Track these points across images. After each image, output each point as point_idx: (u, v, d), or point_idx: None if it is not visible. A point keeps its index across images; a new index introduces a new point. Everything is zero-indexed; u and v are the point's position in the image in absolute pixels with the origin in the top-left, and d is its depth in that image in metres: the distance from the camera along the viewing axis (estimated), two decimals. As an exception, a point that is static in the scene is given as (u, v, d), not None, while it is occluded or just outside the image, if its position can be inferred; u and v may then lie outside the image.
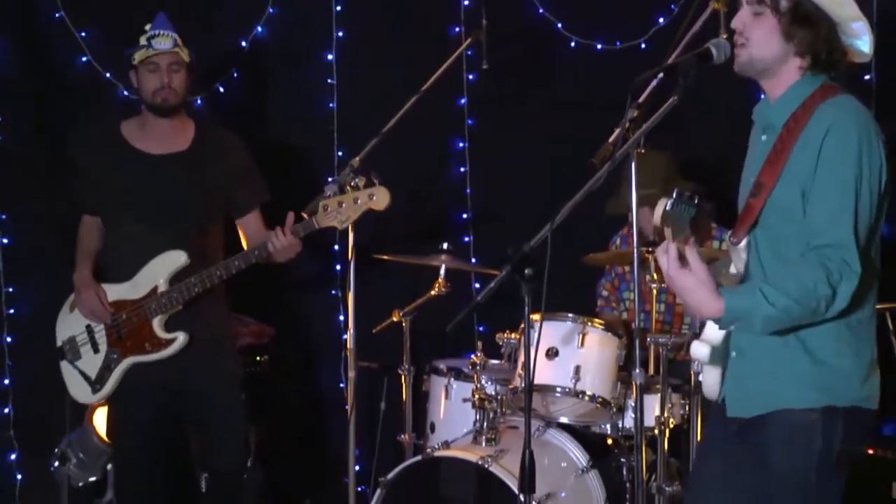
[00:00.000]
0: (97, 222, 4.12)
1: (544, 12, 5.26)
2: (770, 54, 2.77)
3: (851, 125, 2.65)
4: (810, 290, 2.51)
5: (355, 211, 3.93)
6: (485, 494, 3.90)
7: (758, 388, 2.78)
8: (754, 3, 2.75)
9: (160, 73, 3.99)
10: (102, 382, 4.03)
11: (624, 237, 4.75)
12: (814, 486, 2.73)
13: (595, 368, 4.11)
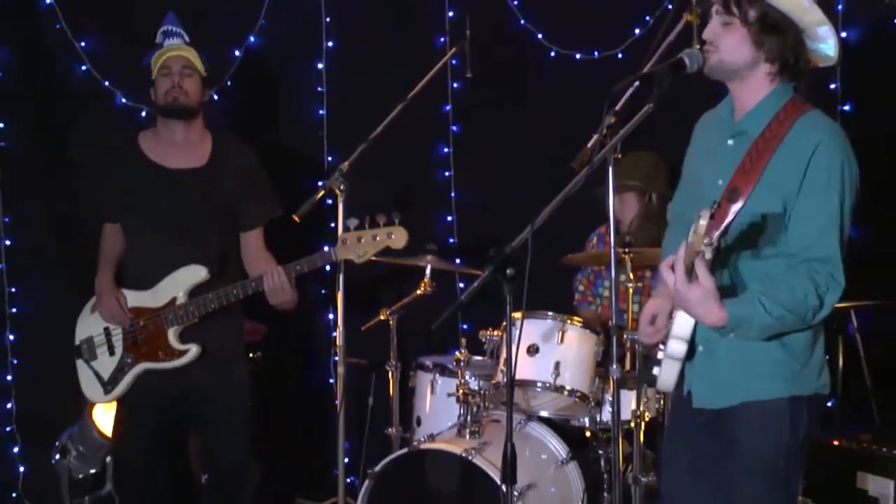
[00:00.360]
0: (118, 229, 4.10)
1: (525, 23, 5.26)
2: (740, 60, 2.80)
3: (837, 146, 2.71)
4: (801, 300, 2.60)
5: (374, 247, 3.91)
6: (468, 485, 3.90)
7: (728, 380, 2.80)
8: (723, 13, 2.77)
9: (171, 75, 3.99)
10: (115, 384, 4.02)
11: (601, 236, 4.75)
12: (782, 471, 2.78)
13: (574, 364, 4.12)
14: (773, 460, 2.77)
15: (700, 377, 2.86)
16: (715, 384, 2.83)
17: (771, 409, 2.76)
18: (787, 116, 2.76)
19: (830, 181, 2.67)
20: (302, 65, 5.27)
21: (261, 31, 5.18)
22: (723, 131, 2.90)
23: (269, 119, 5.26)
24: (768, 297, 2.59)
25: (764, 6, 2.76)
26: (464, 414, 4.22)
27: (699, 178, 2.96)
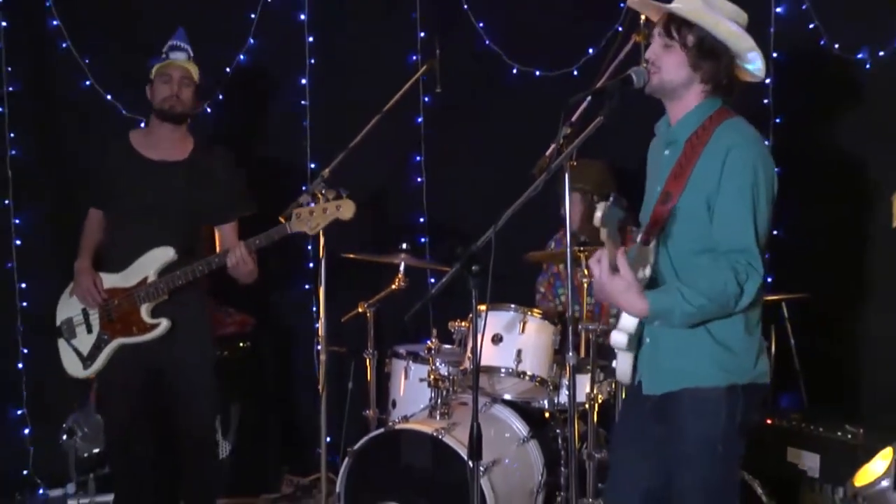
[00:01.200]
0: (101, 216, 4.09)
1: (490, 43, 5.28)
2: (678, 80, 2.81)
3: (749, 145, 2.72)
4: (721, 289, 2.60)
5: (324, 219, 3.92)
6: (439, 462, 3.89)
7: (669, 367, 2.80)
8: (665, 37, 2.79)
9: (172, 83, 3.99)
10: (93, 359, 4.01)
11: (558, 240, 4.76)
12: (721, 453, 2.77)
13: (534, 352, 4.11)
14: (711, 444, 2.77)
15: (647, 366, 2.86)
16: (659, 372, 2.83)
17: (709, 396, 2.76)
18: (711, 124, 2.78)
19: (744, 179, 2.67)
20: (287, 80, 5.25)
21: (250, 49, 5.16)
22: (660, 142, 2.93)
23: (258, 129, 5.24)
24: (689, 287, 2.60)
25: (701, 32, 2.77)
26: (434, 397, 4.22)
27: (649, 188, 2.99)
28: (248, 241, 3.92)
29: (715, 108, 2.82)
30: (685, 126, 2.82)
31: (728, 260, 2.64)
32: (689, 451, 2.78)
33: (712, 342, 2.75)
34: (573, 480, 3.52)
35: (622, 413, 3.12)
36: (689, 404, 2.77)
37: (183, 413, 4.13)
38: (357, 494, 4.03)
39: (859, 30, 4.27)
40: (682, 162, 2.76)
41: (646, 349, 2.85)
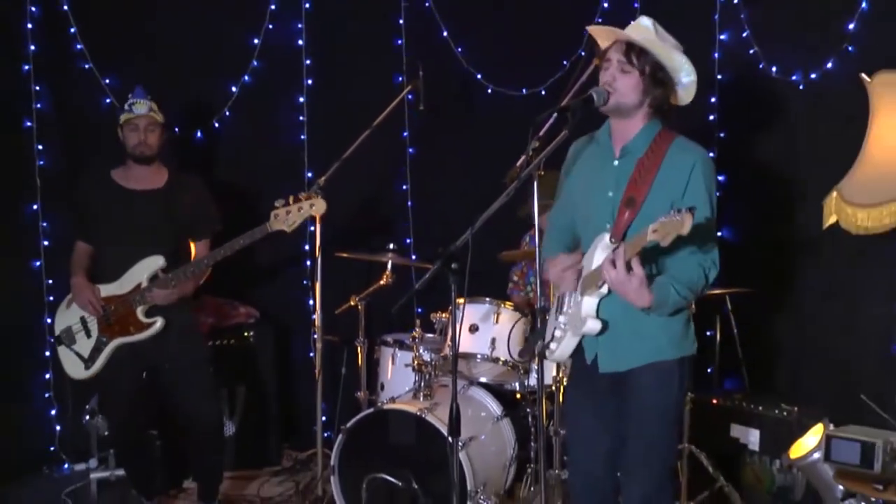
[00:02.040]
0: (88, 248, 4.11)
1: (468, 66, 5.31)
2: (631, 103, 2.86)
3: (709, 163, 2.85)
4: (696, 281, 2.75)
5: (299, 217, 3.92)
6: (422, 438, 3.90)
7: (632, 347, 2.87)
8: (624, 63, 2.82)
9: (139, 132, 4.01)
10: (94, 360, 4.00)
11: (532, 236, 4.78)
12: (673, 414, 2.95)
13: (507, 340, 4.13)
14: (666, 409, 2.90)
15: (606, 347, 2.90)
16: (621, 352, 2.88)
17: (666, 369, 2.86)
18: (663, 141, 2.86)
19: (708, 190, 2.80)
20: (286, 98, 5.24)
21: (254, 71, 5.14)
22: (604, 154, 2.95)
23: (260, 142, 5.22)
24: (677, 282, 2.72)
25: (656, 62, 2.82)
26: (418, 380, 4.23)
27: (585, 193, 3.01)
28: (231, 242, 3.92)
29: (658, 128, 2.90)
30: (638, 142, 2.87)
31: (695, 258, 2.75)
32: (647, 416, 2.87)
33: (665, 323, 2.84)
34: (542, 454, 3.53)
35: (573, 389, 3.14)
36: (651, 377, 2.86)
37: (185, 403, 4.13)
38: (349, 467, 4.03)
39: (794, 55, 4.30)
40: (642, 171, 2.82)
41: (608, 332, 2.87)
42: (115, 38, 4.98)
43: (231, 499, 4.57)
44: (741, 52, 4.57)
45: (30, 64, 4.86)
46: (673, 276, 2.73)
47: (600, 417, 2.98)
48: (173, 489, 4.66)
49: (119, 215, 4.01)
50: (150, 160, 4.06)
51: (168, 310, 3.99)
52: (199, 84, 5.08)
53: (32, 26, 4.86)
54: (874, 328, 3.88)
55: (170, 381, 4.11)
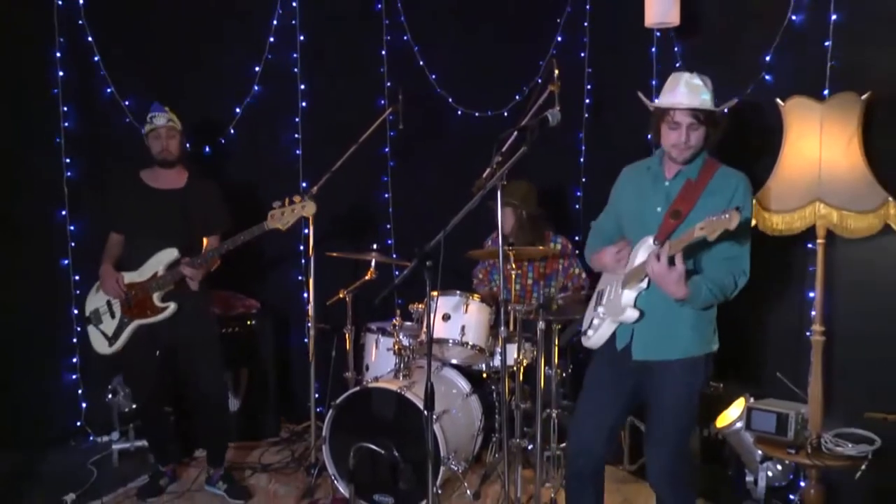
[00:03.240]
0: (121, 238, 4.08)
1: (440, 91, 5.31)
2: (701, 147, 2.90)
3: (749, 186, 2.89)
4: (727, 285, 2.79)
5: (292, 217, 3.92)
6: (402, 411, 3.90)
7: (665, 341, 2.89)
8: (694, 123, 2.83)
9: (161, 139, 4.03)
10: (117, 338, 3.99)
11: (494, 239, 4.78)
12: (695, 403, 2.95)
13: (475, 327, 4.13)
14: (691, 398, 2.93)
15: (641, 337, 2.92)
16: (654, 343, 2.90)
17: (693, 363, 2.90)
18: (710, 167, 2.91)
19: (748, 211, 2.84)
20: (284, 118, 5.21)
21: (255, 94, 5.12)
22: (657, 177, 2.97)
23: (260, 156, 5.20)
24: (710, 281, 2.76)
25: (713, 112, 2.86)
26: (398, 363, 4.23)
27: (636, 207, 3.02)
28: (233, 238, 3.91)
29: (706, 156, 2.94)
30: (691, 169, 2.91)
31: (729, 264, 2.80)
32: (673, 402, 2.90)
33: (696, 321, 2.88)
34: (504, 425, 3.54)
35: (598, 365, 3.09)
36: (680, 369, 2.88)
37: (195, 380, 4.11)
38: (339, 438, 4.02)
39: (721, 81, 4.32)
40: (689, 190, 2.87)
41: (641, 322, 2.90)
42: (134, 65, 4.95)
43: (236, 465, 4.53)
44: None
45: (58, 88, 4.84)
46: (707, 277, 2.77)
47: (616, 396, 3.01)
48: (185, 458, 4.62)
49: (143, 209, 4.01)
50: (173, 164, 4.08)
51: (180, 296, 3.97)
52: (208, 105, 5.05)
53: (61, 55, 4.83)
54: (789, 316, 3.92)
55: (182, 359, 4.09)
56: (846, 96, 3.34)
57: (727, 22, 4.29)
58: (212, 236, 4.13)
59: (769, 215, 3.44)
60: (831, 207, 3.28)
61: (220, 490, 4.18)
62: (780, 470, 3.78)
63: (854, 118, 3.30)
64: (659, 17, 4.20)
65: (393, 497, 3.91)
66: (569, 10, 5.34)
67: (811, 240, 3.46)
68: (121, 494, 4.18)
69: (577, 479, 3.09)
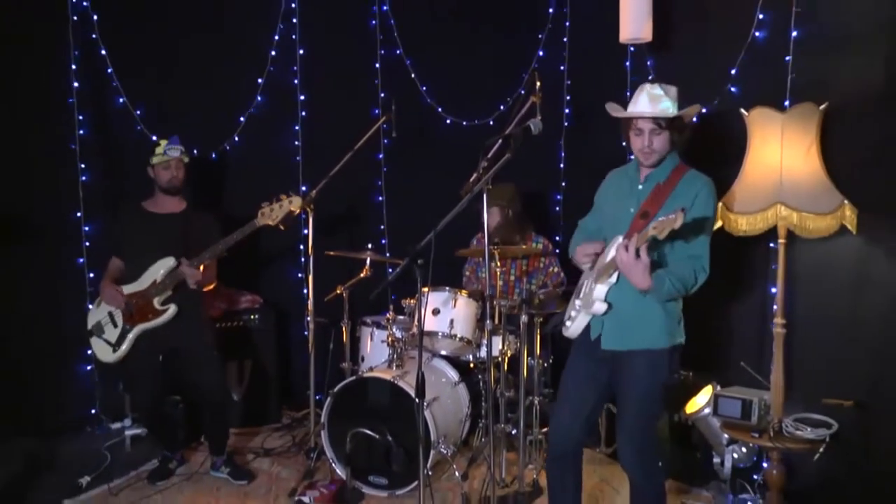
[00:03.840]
0: (120, 263, 4.10)
1: (430, 101, 5.31)
2: (665, 152, 2.90)
3: (713, 189, 2.89)
4: (688, 279, 2.77)
5: (281, 212, 3.93)
6: (395, 399, 3.89)
7: (632, 332, 2.87)
8: (654, 128, 2.85)
9: (171, 169, 4.04)
10: (120, 345, 3.96)
11: (479, 239, 4.77)
12: (659, 396, 2.91)
13: (463, 320, 4.12)
14: (655, 389, 2.89)
15: (610, 328, 2.91)
16: (622, 334, 2.89)
17: (659, 355, 2.86)
18: (679, 171, 2.91)
19: (707, 210, 2.83)
20: (284, 127, 5.19)
21: (258, 105, 5.10)
22: (632, 181, 2.99)
23: (263, 162, 5.17)
24: (673, 275, 2.73)
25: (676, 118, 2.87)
26: (391, 354, 4.21)
27: (614, 209, 3.03)
28: (227, 237, 3.91)
29: (676, 161, 2.96)
30: (661, 172, 2.92)
31: (691, 262, 2.78)
32: (639, 393, 2.88)
33: (663, 314, 2.86)
34: (490, 411, 3.53)
35: (575, 356, 3.07)
36: (645, 361, 2.86)
37: (197, 379, 4.09)
38: (336, 424, 4.00)
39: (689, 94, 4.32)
40: (658, 193, 2.87)
41: (611, 315, 2.89)
42: (145, 76, 4.92)
43: (240, 450, 4.52)
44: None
45: (74, 97, 4.81)
46: (670, 271, 2.75)
47: (592, 385, 2.99)
48: (192, 443, 4.59)
49: (144, 233, 4.03)
50: (178, 191, 4.10)
51: (179, 299, 3.95)
52: (214, 115, 5.03)
53: (76, 66, 4.80)
54: (752, 310, 3.93)
55: (183, 359, 4.07)
56: (805, 107, 3.35)
57: (696, 38, 4.29)
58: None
59: (734, 217, 3.44)
60: (792, 209, 3.28)
61: (224, 473, 4.15)
62: (745, 452, 3.78)
63: (813, 127, 3.31)
64: (632, 33, 4.20)
65: (387, 478, 3.90)
66: (549, 27, 5.34)
67: (773, 239, 3.47)
68: (132, 478, 4.15)
69: (557, 462, 3.08)
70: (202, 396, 4.13)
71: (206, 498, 3.92)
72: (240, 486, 4.07)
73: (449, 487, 3.98)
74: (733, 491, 3.77)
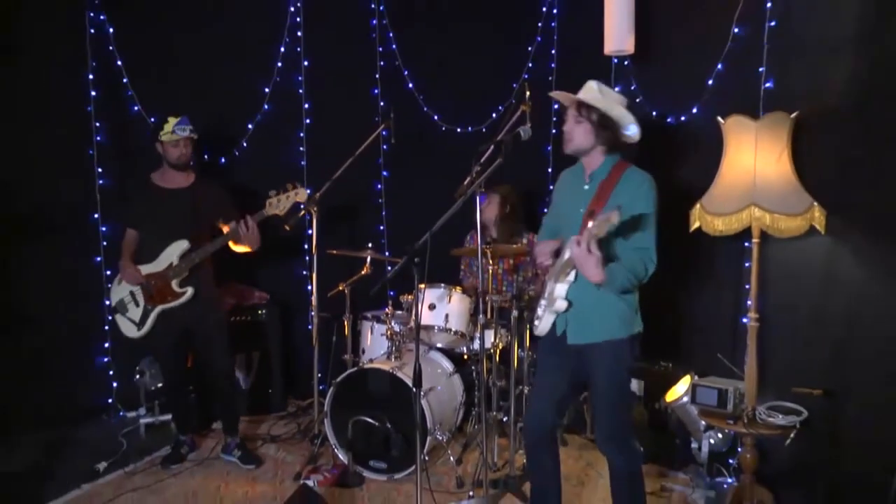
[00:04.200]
0: (135, 234, 4.09)
1: (427, 110, 5.32)
2: (585, 145, 2.89)
3: (652, 183, 2.86)
4: (639, 271, 2.76)
5: (287, 203, 3.97)
6: (394, 389, 3.91)
7: (593, 326, 2.87)
8: (577, 116, 2.87)
9: (180, 147, 4.02)
10: (143, 323, 3.99)
11: (472, 237, 4.79)
12: (625, 382, 2.94)
13: (457, 315, 4.15)
14: (620, 376, 2.90)
15: (573, 324, 2.92)
16: (584, 329, 2.89)
17: (620, 345, 2.87)
18: (619, 169, 2.89)
19: (649, 206, 2.81)
20: (290, 133, 5.20)
21: (265, 112, 5.11)
22: (579, 181, 2.99)
23: (269, 165, 5.17)
24: (625, 268, 2.73)
25: (601, 114, 2.85)
26: (390, 346, 4.24)
27: (566, 208, 3.04)
28: (250, 216, 3.94)
29: (616, 160, 2.93)
30: (601, 171, 2.91)
31: (640, 254, 2.77)
32: (606, 382, 2.88)
33: (618, 308, 2.86)
34: (483, 400, 3.56)
35: (544, 350, 3.09)
36: (607, 351, 2.86)
37: (209, 357, 4.11)
38: (339, 412, 4.03)
39: (669, 102, 4.36)
40: (601, 192, 2.86)
41: (573, 312, 2.90)
42: (158, 87, 4.93)
43: (248, 437, 4.53)
44: (631, 99, 4.60)
45: (91, 106, 4.83)
46: (622, 264, 2.75)
47: (560, 375, 2.99)
48: (203, 430, 4.62)
49: (155, 207, 4.01)
50: (186, 167, 4.08)
51: (196, 282, 3.97)
52: (224, 122, 5.02)
53: (93, 77, 4.82)
54: (728, 304, 3.94)
55: (198, 339, 4.09)
56: (777, 115, 3.37)
57: (675, 50, 4.32)
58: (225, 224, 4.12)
59: (711, 218, 3.45)
60: (765, 211, 3.30)
61: (235, 457, 4.18)
62: (721, 438, 3.80)
63: (784, 134, 3.33)
64: (616, 45, 4.23)
65: (386, 463, 3.92)
66: (538, 40, 5.36)
67: (747, 239, 3.48)
68: (147, 462, 4.18)
69: (534, 446, 3.10)
70: (215, 375, 4.14)
71: (216, 481, 3.94)
72: (248, 470, 4.09)
73: (444, 471, 4.01)
74: (710, 474, 3.80)
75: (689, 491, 3.76)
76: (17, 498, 3.69)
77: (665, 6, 4.37)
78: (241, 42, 5.04)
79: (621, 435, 2.93)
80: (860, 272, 3.31)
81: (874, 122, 3.22)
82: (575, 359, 2.94)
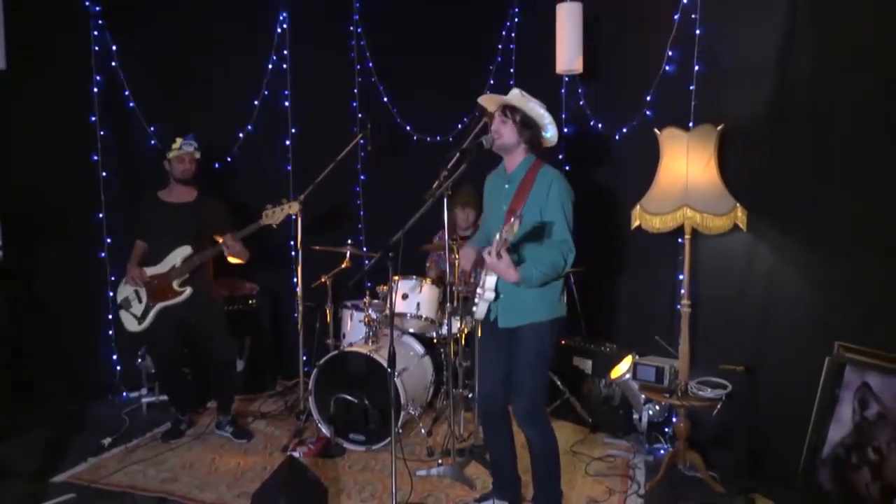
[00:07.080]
0: (144, 245, 4.06)
1: (400, 121, 5.30)
2: (511, 142, 2.86)
3: (563, 181, 2.83)
4: (557, 263, 2.71)
5: (281, 214, 3.95)
6: (371, 370, 3.89)
7: (517, 311, 2.85)
8: (503, 116, 2.85)
9: (185, 162, 3.99)
10: (144, 318, 3.95)
11: (440, 235, 4.80)
12: (545, 356, 2.86)
13: (428, 303, 4.15)
14: (541, 354, 2.85)
15: (502, 310, 2.90)
16: (511, 313, 2.88)
17: (541, 327, 2.84)
18: (535, 168, 2.86)
19: (561, 200, 2.78)
20: (277, 142, 5.14)
21: (255, 122, 5.05)
22: (502, 181, 2.97)
23: (259, 172, 5.12)
24: (539, 263, 2.69)
25: (524, 114, 2.83)
26: (368, 332, 4.23)
27: (492, 208, 3.03)
28: (236, 233, 3.91)
29: (532, 160, 2.90)
30: (519, 171, 2.89)
31: (557, 246, 2.73)
32: (529, 358, 2.84)
33: (541, 295, 2.82)
34: (450, 378, 3.57)
35: (484, 336, 3.09)
36: (530, 332, 2.84)
37: (209, 346, 4.06)
38: (322, 390, 4.01)
39: (612, 116, 4.40)
40: (521, 191, 2.84)
41: (501, 300, 2.88)
42: (157, 99, 4.85)
43: (241, 413, 4.49)
44: (580, 114, 4.66)
45: (96, 116, 4.73)
46: (536, 260, 2.71)
47: (499, 355, 2.96)
48: (200, 408, 4.56)
49: (162, 219, 3.96)
50: (190, 182, 4.03)
51: (194, 282, 3.93)
52: (217, 131, 4.95)
53: (97, 90, 4.73)
54: (664, 292, 4.00)
55: (197, 331, 4.04)
56: (705, 127, 3.42)
57: (618, 70, 4.37)
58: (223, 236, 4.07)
59: (650, 217, 3.50)
60: (695, 211, 3.35)
61: (228, 432, 4.14)
62: (658, 409, 3.86)
63: (711, 144, 3.38)
64: (566, 65, 4.25)
65: (364, 435, 3.91)
66: (499, 60, 5.38)
67: (681, 235, 3.53)
68: (148, 438, 4.12)
69: (488, 419, 3.10)
70: (215, 362, 4.09)
71: (211, 454, 3.90)
72: (240, 443, 4.06)
73: (416, 442, 4.01)
74: (648, 441, 3.86)
75: (630, 456, 3.81)
76: (29, 474, 3.61)
77: (610, 31, 4.42)
78: (234, 59, 4.97)
79: (536, 409, 2.86)
80: (775, 264, 3.39)
81: (783, 135, 3.30)
82: (507, 340, 2.92)
